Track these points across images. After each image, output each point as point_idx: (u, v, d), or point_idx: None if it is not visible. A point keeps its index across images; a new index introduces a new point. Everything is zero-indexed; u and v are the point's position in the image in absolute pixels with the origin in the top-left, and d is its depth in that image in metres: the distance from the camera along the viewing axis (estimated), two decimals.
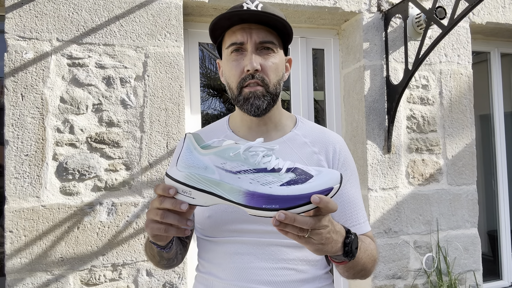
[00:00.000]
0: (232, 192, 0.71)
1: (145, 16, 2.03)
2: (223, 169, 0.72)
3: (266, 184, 0.70)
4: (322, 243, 0.72)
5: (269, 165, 0.72)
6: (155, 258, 0.96)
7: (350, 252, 0.79)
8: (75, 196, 1.90)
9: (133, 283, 1.95)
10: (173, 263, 1.00)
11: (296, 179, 0.70)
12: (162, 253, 0.91)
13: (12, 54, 1.85)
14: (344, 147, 1.05)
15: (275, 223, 0.67)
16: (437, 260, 2.44)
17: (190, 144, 0.76)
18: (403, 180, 2.43)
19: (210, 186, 0.72)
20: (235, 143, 0.74)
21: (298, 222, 0.67)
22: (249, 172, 0.72)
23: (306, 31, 2.55)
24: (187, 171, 0.73)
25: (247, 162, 0.72)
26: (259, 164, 0.72)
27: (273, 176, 0.71)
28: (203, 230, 1.00)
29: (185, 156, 0.75)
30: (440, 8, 2.06)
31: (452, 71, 2.57)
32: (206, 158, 0.73)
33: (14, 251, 1.81)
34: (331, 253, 0.76)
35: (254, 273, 0.92)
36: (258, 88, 0.94)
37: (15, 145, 1.84)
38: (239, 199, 0.71)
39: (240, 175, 0.71)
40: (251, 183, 0.70)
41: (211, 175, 0.72)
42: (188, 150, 0.75)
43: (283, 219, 0.66)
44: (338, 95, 2.62)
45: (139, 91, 2.00)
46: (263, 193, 0.69)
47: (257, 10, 0.92)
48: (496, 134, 3.02)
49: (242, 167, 0.72)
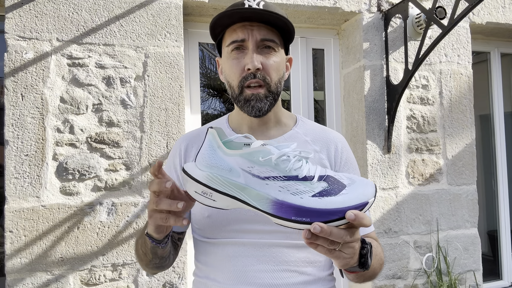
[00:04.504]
0: (259, 199, 0.66)
1: (145, 16, 2.03)
2: (250, 173, 0.66)
3: (297, 194, 0.65)
4: (351, 257, 0.69)
5: (301, 172, 0.67)
6: (147, 256, 0.92)
7: (367, 263, 0.75)
8: (75, 196, 1.90)
9: (133, 283, 1.95)
10: (164, 263, 0.96)
11: (329, 190, 0.65)
12: (156, 249, 0.87)
13: (12, 54, 1.85)
14: (346, 146, 1.04)
15: (307, 235, 0.63)
16: (437, 260, 2.44)
17: (213, 141, 0.70)
18: (403, 180, 2.43)
19: (234, 190, 0.67)
20: (264, 145, 0.68)
21: (334, 235, 0.63)
22: (279, 179, 0.66)
23: (306, 31, 2.55)
24: (209, 171, 0.67)
25: (278, 168, 0.66)
26: (290, 171, 0.66)
27: (304, 185, 0.65)
28: (201, 231, 0.97)
29: (208, 154, 0.69)
30: (440, 8, 2.06)
31: (452, 71, 2.57)
32: (232, 159, 0.68)
33: (14, 251, 1.81)
34: (351, 265, 0.72)
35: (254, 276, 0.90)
36: (260, 90, 0.92)
37: (15, 145, 1.84)
38: (266, 207, 0.65)
39: (268, 181, 0.66)
40: (280, 191, 0.65)
41: (236, 178, 0.67)
42: (211, 148, 0.69)
43: (319, 232, 0.61)
44: (338, 95, 2.62)
45: (139, 91, 2.00)
46: (294, 204, 0.64)
47: (258, 8, 0.90)
48: (496, 134, 3.02)
49: (272, 173, 0.66)
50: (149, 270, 0.99)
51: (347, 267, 0.73)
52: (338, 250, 0.66)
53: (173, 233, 1.00)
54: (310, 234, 0.63)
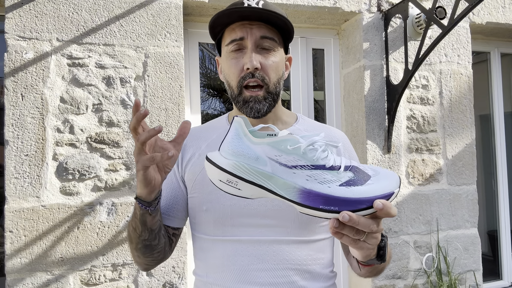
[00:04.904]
0: (286, 187, 0.66)
1: (145, 16, 2.03)
2: (277, 161, 0.66)
3: (325, 183, 0.65)
4: (373, 248, 0.69)
5: (328, 162, 0.66)
6: (136, 231, 0.89)
7: (384, 255, 0.75)
8: (75, 196, 1.90)
9: (133, 283, 1.95)
10: (154, 241, 0.92)
11: (355, 180, 0.65)
12: (146, 216, 0.86)
13: (12, 54, 1.85)
14: (348, 144, 1.04)
15: (335, 224, 0.63)
16: (437, 260, 2.44)
17: (239, 129, 0.69)
18: (403, 180, 2.43)
19: (261, 179, 0.66)
20: (292, 135, 0.68)
21: (362, 225, 0.63)
22: (306, 168, 0.66)
23: (306, 31, 2.55)
24: (235, 159, 0.67)
25: (305, 157, 0.66)
26: (317, 160, 0.66)
27: (331, 175, 0.65)
28: (199, 226, 0.97)
29: (234, 143, 0.68)
30: (440, 8, 2.06)
31: (452, 71, 2.57)
32: (259, 147, 0.67)
33: (14, 251, 1.81)
34: (371, 257, 0.73)
35: (255, 276, 0.89)
36: (259, 92, 0.92)
37: (15, 145, 1.84)
38: (293, 196, 0.65)
39: (295, 170, 0.65)
40: (308, 180, 0.65)
41: (263, 167, 0.66)
42: (238, 136, 0.68)
43: (347, 220, 0.61)
44: (338, 95, 2.62)
45: (139, 91, 2.00)
46: (322, 192, 0.64)
47: (257, 7, 0.90)
48: (496, 134, 3.02)
49: (299, 162, 0.66)
50: (139, 253, 0.94)
51: (367, 259, 0.73)
52: (362, 240, 0.66)
53: (168, 227, 1.00)
54: (338, 223, 0.63)
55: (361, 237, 0.66)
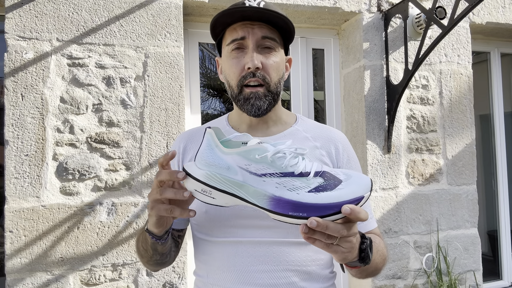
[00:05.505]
0: (256, 195, 0.68)
1: (145, 16, 2.03)
2: (247, 170, 0.68)
3: (293, 189, 0.66)
4: (349, 251, 0.70)
5: (297, 168, 0.68)
6: (148, 252, 0.91)
7: (367, 258, 0.76)
8: (75, 196, 1.90)
9: (133, 283, 1.95)
10: (165, 259, 0.96)
11: (325, 185, 0.67)
12: (157, 245, 0.87)
13: (12, 54, 1.85)
14: (347, 144, 1.04)
15: (304, 230, 0.64)
16: (437, 260, 2.44)
17: (211, 140, 0.71)
18: (403, 180, 2.43)
19: (233, 187, 0.69)
20: (260, 143, 0.70)
21: (330, 230, 0.64)
22: (276, 175, 0.67)
23: (306, 31, 2.55)
24: (207, 170, 0.69)
25: (274, 165, 0.68)
26: (286, 167, 0.68)
27: (300, 181, 0.67)
28: (199, 227, 0.97)
29: (206, 153, 0.71)
30: (440, 8, 2.06)
31: (452, 71, 2.57)
32: (229, 157, 0.69)
33: (14, 251, 1.81)
34: (350, 260, 0.73)
35: (255, 277, 0.89)
36: (259, 89, 0.92)
37: (15, 145, 1.84)
38: (264, 204, 0.67)
39: (265, 178, 0.67)
40: (277, 188, 0.67)
41: (234, 176, 0.68)
42: (209, 147, 0.71)
43: (315, 226, 0.63)
44: (338, 95, 2.62)
45: (139, 91, 2.00)
46: (290, 199, 0.66)
47: (259, 7, 0.90)
48: (496, 134, 3.02)
49: (268, 170, 0.68)
50: (150, 267, 0.98)
51: (346, 262, 0.74)
52: (335, 244, 0.67)
53: (172, 230, 1.00)
54: (307, 228, 0.64)
55: (334, 242, 0.67)
